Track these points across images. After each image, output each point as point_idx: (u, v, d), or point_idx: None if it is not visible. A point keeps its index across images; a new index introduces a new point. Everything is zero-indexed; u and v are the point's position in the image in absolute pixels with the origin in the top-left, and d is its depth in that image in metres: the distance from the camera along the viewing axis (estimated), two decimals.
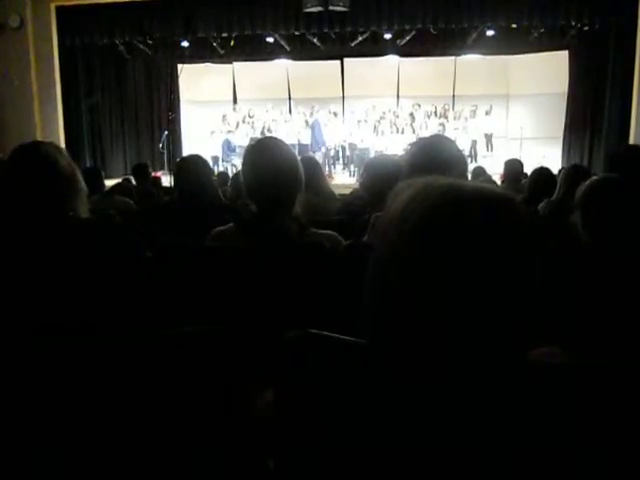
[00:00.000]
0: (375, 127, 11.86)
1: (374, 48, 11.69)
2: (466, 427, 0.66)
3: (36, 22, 8.92)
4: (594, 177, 1.94)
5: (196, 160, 2.99)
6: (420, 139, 1.73)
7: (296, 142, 11.21)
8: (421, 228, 0.64)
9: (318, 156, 10.60)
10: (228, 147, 11.59)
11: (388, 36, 10.97)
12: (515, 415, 0.66)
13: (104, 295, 1.46)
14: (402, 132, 11.88)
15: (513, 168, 4.93)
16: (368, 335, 0.71)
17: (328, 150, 11.69)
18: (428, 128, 11.70)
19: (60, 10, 9.17)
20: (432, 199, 0.65)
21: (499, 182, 5.38)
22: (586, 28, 10.19)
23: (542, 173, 3.69)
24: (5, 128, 8.79)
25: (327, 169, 11.07)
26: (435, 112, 12.35)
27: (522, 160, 5.31)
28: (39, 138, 8.73)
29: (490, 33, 10.76)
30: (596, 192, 1.79)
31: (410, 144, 1.67)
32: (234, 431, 0.97)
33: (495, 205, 0.66)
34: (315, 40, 11.25)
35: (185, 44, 11.34)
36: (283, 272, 1.65)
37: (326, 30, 10.35)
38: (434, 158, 1.57)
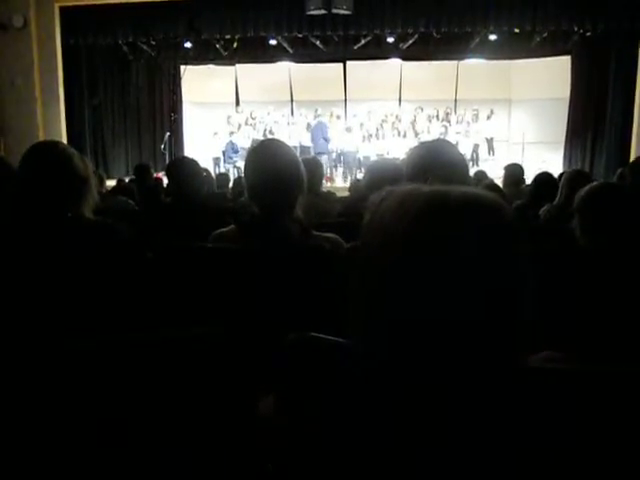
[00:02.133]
0: (377, 130, 11.87)
1: (377, 51, 11.71)
2: (463, 431, 0.66)
3: (40, 22, 8.94)
4: (593, 182, 1.94)
5: (188, 163, 3.01)
6: (422, 143, 1.74)
7: (298, 144, 11.22)
8: (409, 233, 0.65)
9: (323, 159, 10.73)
10: (232, 148, 11.61)
11: (391, 39, 10.99)
12: (511, 419, 0.67)
13: (104, 296, 1.46)
14: (404, 136, 11.89)
15: (513, 173, 4.93)
16: (357, 336, 0.71)
17: (330, 153, 11.70)
18: (430, 132, 11.70)
19: (64, 10, 9.19)
20: (420, 204, 0.66)
21: (502, 186, 5.39)
22: (588, 33, 10.20)
23: (544, 178, 3.70)
24: (8, 128, 8.81)
25: (329, 171, 11.09)
26: (437, 116, 12.36)
27: (524, 165, 5.31)
28: (41, 138, 8.75)
29: (493, 37, 10.78)
30: (593, 197, 1.79)
31: (412, 148, 1.68)
32: (233, 434, 0.97)
33: (481, 207, 0.67)
34: (318, 43, 11.27)
35: (188, 45, 11.38)
36: (284, 274, 1.65)
37: (329, 33, 10.37)
38: (436, 160, 1.58)
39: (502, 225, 0.66)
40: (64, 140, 9.31)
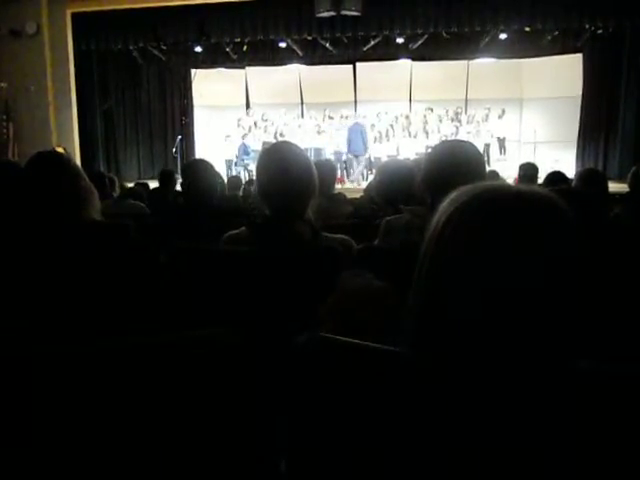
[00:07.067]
0: (387, 131, 11.84)
1: (386, 52, 11.70)
2: (503, 435, 0.65)
3: (52, 28, 9.03)
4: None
5: (203, 164, 3.02)
6: (442, 142, 1.74)
7: (308, 146, 11.23)
8: (459, 228, 0.66)
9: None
10: (244, 151, 11.64)
11: (400, 40, 10.97)
12: (560, 425, 0.65)
13: (117, 297, 1.47)
14: (415, 136, 11.85)
15: (527, 171, 4.95)
16: (411, 337, 0.71)
17: (341, 154, 11.70)
18: (441, 132, 11.65)
19: (75, 16, 9.28)
20: (466, 199, 0.68)
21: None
22: (600, 31, 10.12)
23: (555, 177, 3.68)
24: (22, 133, 8.91)
25: (340, 173, 11.08)
26: (447, 116, 12.30)
27: (536, 164, 5.32)
28: (54, 143, 8.84)
29: (503, 36, 10.72)
30: None
31: (432, 148, 1.68)
32: (245, 435, 0.97)
33: (534, 203, 0.66)
34: (327, 45, 11.28)
35: (198, 49, 11.44)
36: (296, 276, 1.65)
37: (338, 35, 10.39)
38: (455, 157, 1.59)
39: (556, 219, 0.66)
40: (76, 145, 9.41)
